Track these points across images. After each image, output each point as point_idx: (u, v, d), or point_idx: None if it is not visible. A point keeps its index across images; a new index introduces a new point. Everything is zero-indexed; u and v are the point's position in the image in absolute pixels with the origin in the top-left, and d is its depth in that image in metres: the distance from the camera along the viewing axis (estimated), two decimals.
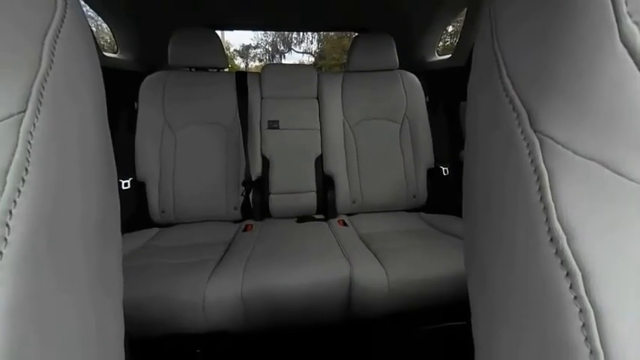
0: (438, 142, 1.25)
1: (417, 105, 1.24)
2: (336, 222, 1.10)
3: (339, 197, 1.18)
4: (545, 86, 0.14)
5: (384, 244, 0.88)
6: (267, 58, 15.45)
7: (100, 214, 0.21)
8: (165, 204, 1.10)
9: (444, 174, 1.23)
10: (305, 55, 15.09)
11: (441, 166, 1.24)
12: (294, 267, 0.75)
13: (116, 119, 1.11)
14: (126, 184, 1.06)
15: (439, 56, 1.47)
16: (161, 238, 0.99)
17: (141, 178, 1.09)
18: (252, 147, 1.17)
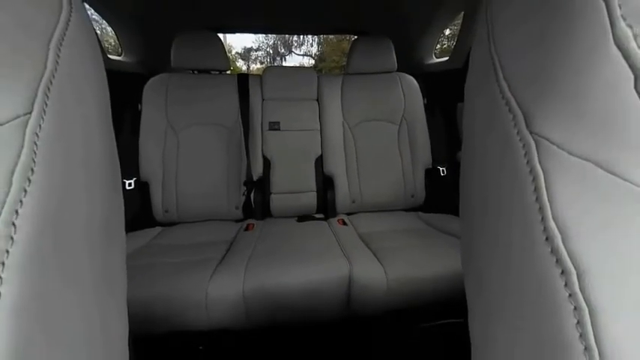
0: (435, 143, 1.26)
1: (415, 107, 1.26)
2: (335, 221, 1.11)
3: (338, 197, 1.19)
4: (541, 88, 0.15)
5: (383, 243, 0.89)
6: (269, 60, 15.50)
7: (104, 214, 0.21)
8: (168, 203, 1.11)
9: (442, 174, 1.24)
10: (305, 57, 15.15)
11: (439, 167, 1.24)
12: (295, 266, 0.76)
13: (120, 121, 1.12)
14: (130, 184, 1.07)
15: (437, 59, 1.48)
16: (164, 237, 1.00)
17: (144, 179, 1.10)
18: (253, 148, 1.18)
